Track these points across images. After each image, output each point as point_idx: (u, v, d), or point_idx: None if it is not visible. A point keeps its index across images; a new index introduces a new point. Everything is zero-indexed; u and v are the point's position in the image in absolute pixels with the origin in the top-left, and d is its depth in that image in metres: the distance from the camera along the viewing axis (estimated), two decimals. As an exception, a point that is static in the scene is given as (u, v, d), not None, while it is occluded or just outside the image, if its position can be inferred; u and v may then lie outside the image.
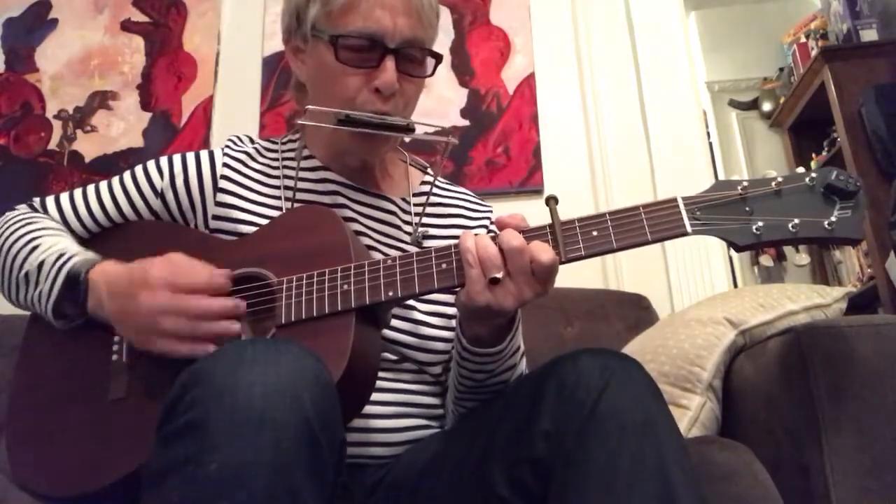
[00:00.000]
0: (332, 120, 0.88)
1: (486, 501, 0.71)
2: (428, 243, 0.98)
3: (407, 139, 0.96)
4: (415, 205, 1.01)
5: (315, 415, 0.58)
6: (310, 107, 0.88)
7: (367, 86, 0.89)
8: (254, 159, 0.99)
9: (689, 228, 0.72)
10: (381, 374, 0.82)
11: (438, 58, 0.93)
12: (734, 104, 4.15)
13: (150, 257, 0.80)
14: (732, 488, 0.82)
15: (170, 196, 0.95)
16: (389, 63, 0.87)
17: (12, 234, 0.90)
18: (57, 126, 2.05)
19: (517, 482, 0.69)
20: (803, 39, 3.36)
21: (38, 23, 2.15)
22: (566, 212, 0.76)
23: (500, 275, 0.71)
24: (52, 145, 2.03)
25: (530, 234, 0.75)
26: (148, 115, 2.03)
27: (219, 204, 0.94)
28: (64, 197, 0.97)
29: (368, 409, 0.81)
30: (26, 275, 0.86)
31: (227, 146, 1.01)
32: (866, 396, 0.84)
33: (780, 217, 0.71)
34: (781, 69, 3.78)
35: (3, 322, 1.42)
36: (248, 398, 0.56)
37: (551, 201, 0.77)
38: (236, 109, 2.01)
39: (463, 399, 0.89)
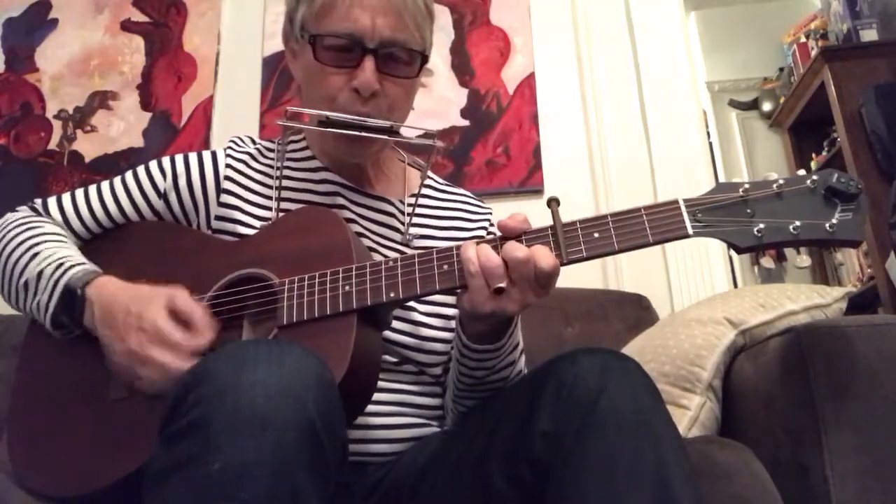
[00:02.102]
0: (314, 122, 0.88)
1: (486, 500, 0.71)
2: (425, 244, 0.98)
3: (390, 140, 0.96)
4: (409, 205, 1.01)
5: (317, 415, 0.58)
6: (288, 108, 0.88)
7: (347, 86, 0.88)
8: (255, 160, 0.99)
9: (690, 230, 0.72)
10: (380, 375, 0.82)
11: (424, 58, 0.92)
12: (734, 104, 4.15)
13: (160, 266, 0.80)
14: (732, 487, 0.82)
15: (173, 197, 0.95)
16: (368, 63, 0.87)
17: (13, 239, 0.89)
18: (57, 126, 2.05)
19: (516, 481, 0.69)
20: (803, 39, 3.37)
21: (38, 23, 2.15)
22: (566, 212, 0.76)
23: (504, 284, 0.71)
24: (52, 145, 2.03)
25: (532, 235, 0.75)
26: (148, 115, 2.03)
27: (222, 205, 0.94)
28: (65, 197, 0.96)
29: (369, 408, 0.81)
30: (26, 283, 0.85)
31: (230, 147, 1.01)
32: (866, 396, 0.84)
33: (781, 219, 0.71)
34: (781, 69, 3.78)
35: (3, 322, 1.42)
36: (250, 398, 0.56)
37: (553, 203, 0.77)
38: (236, 109, 2.01)
39: (463, 397, 0.89)
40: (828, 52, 2.85)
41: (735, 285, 2.97)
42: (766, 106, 3.95)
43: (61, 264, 0.84)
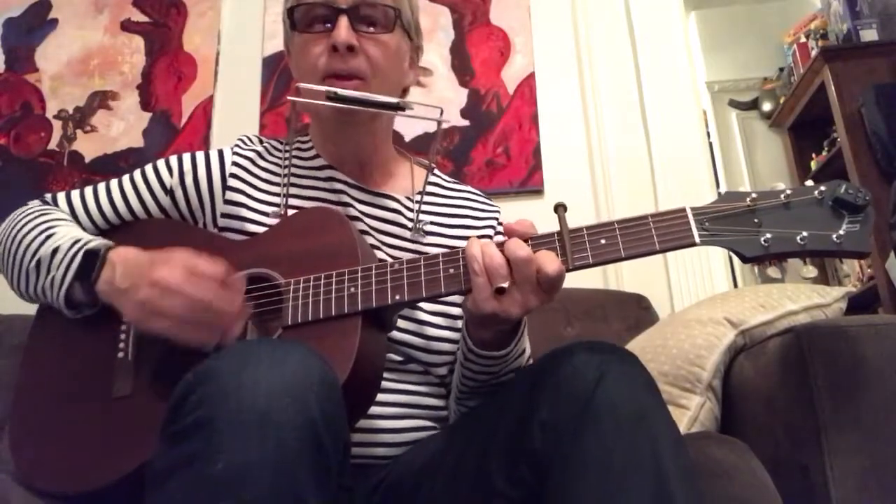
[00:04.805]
0: (322, 98, 0.89)
1: (486, 497, 0.71)
2: (434, 241, 0.98)
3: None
4: (416, 202, 1.01)
5: (320, 416, 0.58)
6: (301, 84, 0.90)
7: (327, 48, 0.91)
8: (263, 158, 1.00)
9: (697, 239, 0.72)
10: (386, 375, 0.82)
11: (396, 12, 0.95)
12: (734, 104, 4.15)
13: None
14: (731, 486, 0.82)
15: (179, 194, 0.96)
16: (342, 20, 0.90)
17: (25, 224, 0.90)
18: (57, 126, 2.05)
19: (515, 478, 0.69)
20: (803, 39, 3.37)
21: (38, 23, 2.15)
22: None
23: (506, 284, 0.71)
24: (52, 145, 2.03)
25: (538, 241, 0.75)
26: (148, 115, 2.03)
27: (227, 202, 0.94)
28: (75, 193, 0.97)
29: (373, 409, 0.81)
30: (38, 262, 0.86)
31: (237, 145, 1.01)
32: (866, 396, 0.84)
33: (788, 229, 0.72)
34: (781, 69, 3.78)
35: (3, 322, 1.42)
36: (253, 398, 0.56)
37: (560, 209, 0.77)
38: (236, 109, 2.01)
39: (465, 399, 0.89)
40: (828, 52, 2.85)
41: (735, 285, 2.97)
42: (766, 106, 3.95)
43: (79, 240, 0.85)
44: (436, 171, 1.08)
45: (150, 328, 0.76)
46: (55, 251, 0.85)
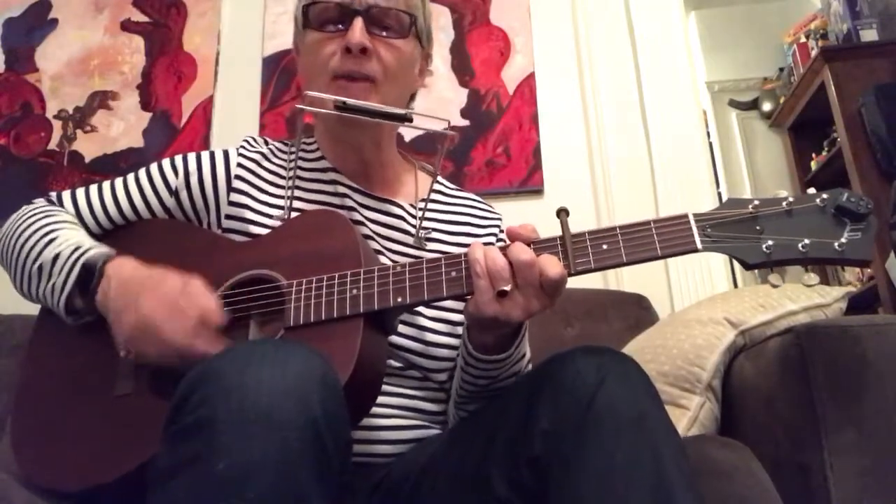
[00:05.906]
0: (330, 107, 0.89)
1: (486, 500, 0.71)
2: (433, 246, 0.98)
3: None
4: (420, 209, 1.01)
5: (322, 415, 0.58)
6: (308, 92, 0.90)
7: (340, 49, 0.91)
8: (268, 160, 1.00)
9: (699, 245, 0.73)
10: (385, 380, 0.82)
11: (412, 18, 0.95)
12: (734, 104, 4.15)
13: (170, 264, 0.81)
14: (731, 487, 0.82)
15: (184, 195, 0.96)
16: (357, 22, 0.90)
17: (29, 226, 0.90)
18: (57, 126, 2.05)
19: (516, 483, 0.69)
20: (803, 39, 3.37)
21: (38, 23, 2.15)
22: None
23: (508, 287, 0.71)
24: (52, 145, 2.03)
25: (540, 245, 0.75)
26: (148, 115, 2.03)
27: (232, 203, 0.94)
28: (80, 192, 0.97)
29: (373, 410, 0.81)
30: (40, 267, 0.86)
31: (243, 146, 1.01)
32: (866, 396, 0.84)
33: (790, 237, 0.71)
34: (781, 69, 3.78)
35: (4, 322, 1.42)
36: (256, 397, 0.56)
37: (562, 213, 0.77)
38: (236, 109, 2.01)
39: (465, 403, 0.89)
40: (828, 52, 2.85)
41: (735, 285, 2.96)
42: (766, 106, 3.95)
43: (79, 247, 0.85)
44: (439, 178, 1.07)
45: (136, 356, 0.78)
46: (56, 258, 0.85)
